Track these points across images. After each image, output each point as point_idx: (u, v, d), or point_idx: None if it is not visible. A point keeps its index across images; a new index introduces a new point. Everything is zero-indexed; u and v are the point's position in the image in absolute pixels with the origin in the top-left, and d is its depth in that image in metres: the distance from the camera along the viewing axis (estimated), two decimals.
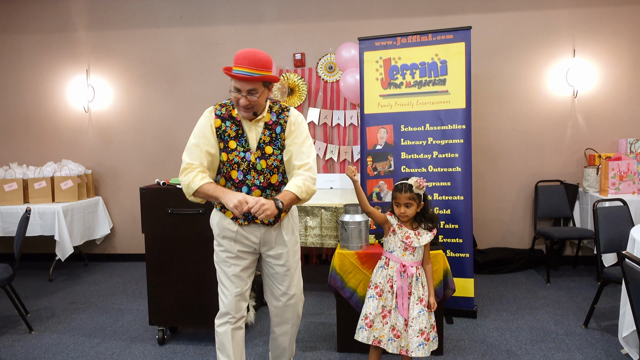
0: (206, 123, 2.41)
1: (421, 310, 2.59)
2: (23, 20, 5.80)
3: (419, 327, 2.57)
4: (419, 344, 2.56)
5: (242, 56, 2.27)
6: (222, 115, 2.40)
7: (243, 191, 2.41)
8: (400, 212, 2.62)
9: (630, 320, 2.72)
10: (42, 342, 3.60)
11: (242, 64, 2.25)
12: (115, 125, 5.80)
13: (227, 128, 2.40)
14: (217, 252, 2.54)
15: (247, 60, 2.25)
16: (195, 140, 2.39)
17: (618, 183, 4.49)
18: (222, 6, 5.54)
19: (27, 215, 3.79)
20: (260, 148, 2.41)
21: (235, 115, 2.41)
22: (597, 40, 5.10)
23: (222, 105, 2.44)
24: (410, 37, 3.93)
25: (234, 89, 2.31)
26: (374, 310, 2.66)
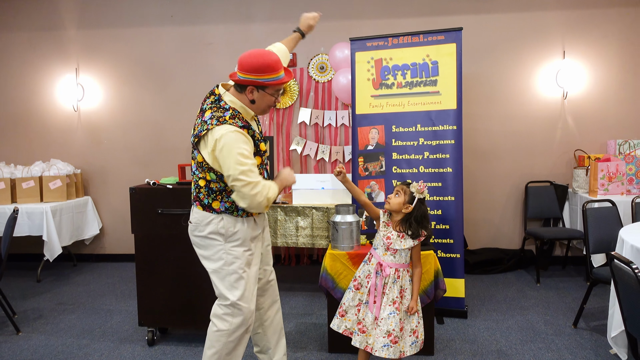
0: (243, 137, 2.27)
1: (392, 312, 2.57)
2: (12, 18, 5.74)
3: (387, 329, 2.56)
4: (383, 345, 2.55)
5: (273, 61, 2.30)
6: (243, 125, 2.31)
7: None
8: (388, 197, 2.68)
9: (618, 321, 2.73)
10: (30, 343, 3.56)
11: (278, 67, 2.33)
12: (104, 124, 5.75)
13: (254, 133, 2.39)
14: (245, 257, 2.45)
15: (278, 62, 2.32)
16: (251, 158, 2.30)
17: (607, 184, 4.52)
18: (213, 5, 5.51)
19: (14, 215, 3.75)
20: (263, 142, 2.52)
21: (248, 119, 2.41)
22: (587, 42, 5.13)
23: (232, 117, 2.30)
24: (402, 38, 3.93)
25: (275, 94, 2.39)
26: (348, 302, 2.70)
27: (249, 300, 2.46)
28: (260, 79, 2.28)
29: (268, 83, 2.30)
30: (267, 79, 2.29)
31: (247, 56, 2.29)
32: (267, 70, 2.27)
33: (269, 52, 2.33)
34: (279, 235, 4.20)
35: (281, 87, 2.40)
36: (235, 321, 2.43)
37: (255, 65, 2.26)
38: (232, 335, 2.45)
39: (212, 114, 2.32)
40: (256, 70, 2.26)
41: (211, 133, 2.26)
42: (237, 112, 2.35)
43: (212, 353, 2.46)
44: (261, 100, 2.37)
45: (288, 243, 4.20)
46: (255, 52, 2.30)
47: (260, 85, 2.32)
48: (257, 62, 2.26)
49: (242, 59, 2.30)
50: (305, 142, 5.33)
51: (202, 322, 3.32)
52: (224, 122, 2.27)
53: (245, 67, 2.28)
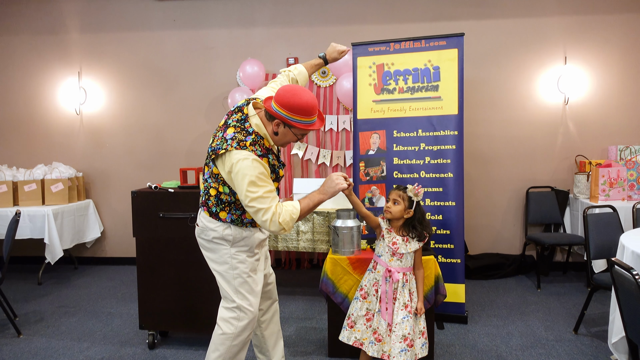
0: (261, 166, 2.24)
1: (405, 316, 2.59)
2: (14, 22, 5.77)
3: (402, 333, 2.57)
4: (401, 350, 2.56)
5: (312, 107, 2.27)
6: (263, 153, 2.29)
7: None
8: (386, 206, 2.67)
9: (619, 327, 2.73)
10: (31, 346, 3.57)
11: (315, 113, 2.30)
12: (106, 128, 5.77)
13: (272, 160, 2.37)
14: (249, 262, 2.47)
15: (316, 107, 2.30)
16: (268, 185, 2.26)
17: (608, 190, 4.53)
18: (216, 10, 5.54)
19: (16, 218, 3.76)
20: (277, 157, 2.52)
21: (268, 146, 2.38)
22: (588, 48, 5.15)
23: (252, 143, 2.28)
24: (404, 43, 3.95)
25: (299, 136, 2.37)
26: (356, 312, 2.71)
27: (254, 304, 2.47)
28: (292, 117, 2.24)
29: (297, 125, 2.26)
30: (298, 121, 2.25)
31: (286, 91, 2.25)
32: (301, 113, 2.23)
33: (310, 94, 2.27)
34: (279, 239, 4.20)
35: (307, 131, 2.35)
36: (241, 324, 2.45)
37: (291, 103, 2.21)
38: (237, 339, 2.46)
39: (234, 134, 2.29)
40: (290, 109, 2.22)
41: (229, 155, 2.24)
42: (260, 138, 2.32)
43: (216, 356, 2.47)
44: (284, 136, 2.34)
45: (289, 247, 4.20)
46: (296, 90, 2.25)
47: (288, 124, 2.28)
48: (295, 101, 2.22)
49: (281, 92, 2.26)
50: (307, 146, 5.34)
51: (202, 326, 3.33)
52: (244, 147, 2.24)
53: (281, 101, 2.23)
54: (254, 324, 2.51)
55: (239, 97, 4.99)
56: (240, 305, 2.44)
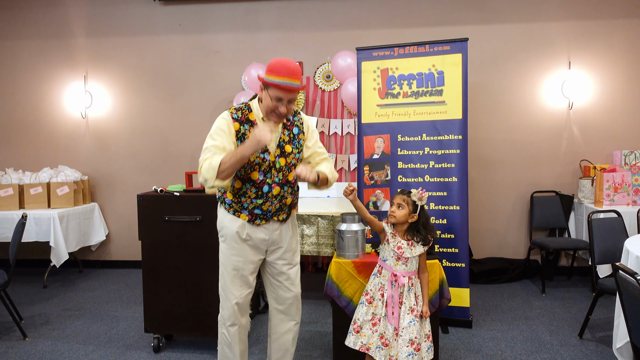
0: (224, 125, 2.40)
1: (412, 320, 2.60)
2: (21, 26, 5.82)
3: (409, 337, 2.58)
4: (408, 354, 2.56)
5: (284, 67, 2.31)
6: (239, 119, 2.43)
7: (264, 190, 2.48)
8: (391, 210, 2.67)
9: (624, 332, 2.73)
10: (36, 348, 3.58)
11: (286, 75, 2.30)
12: (112, 131, 5.80)
13: (245, 131, 2.42)
14: (227, 255, 2.57)
15: (290, 71, 2.31)
16: (216, 141, 2.36)
17: (613, 194, 4.52)
18: (221, 14, 5.57)
19: (23, 221, 3.78)
20: (280, 147, 2.51)
21: (252, 119, 2.45)
22: (592, 53, 5.15)
23: (237, 109, 2.46)
24: (408, 48, 3.96)
25: (274, 99, 2.35)
26: (362, 317, 2.70)
27: (230, 298, 2.57)
28: (266, 77, 2.34)
29: (268, 82, 2.33)
30: (270, 79, 2.32)
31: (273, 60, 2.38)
32: (273, 72, 2.32)
33: (291, 61, 2.36)
34: None
35: (281, 95, 2.33)
36: (222, 313, 2.62)
37: (271, 65, 2.34)
38: (223, 327, 2.63)
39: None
40: (268, 69, 2.34)
41: None
42: (247, 108, 2.47)
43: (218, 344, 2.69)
44: (265, 100, 2.40)
45: None
46: (280, 58, 2.37)
47: (265, 85, 2.37)
48: (273, 62, 2.34)
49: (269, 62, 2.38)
50: None
51: (207, 329, 3.34)
52: (229, 108, 2.48)
53: (266, 68, 2.36)
54: (234, 317, 2.58)
55: (244, 101, 5.00)
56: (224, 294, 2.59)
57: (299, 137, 2.58)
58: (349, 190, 2.61)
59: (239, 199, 2.49)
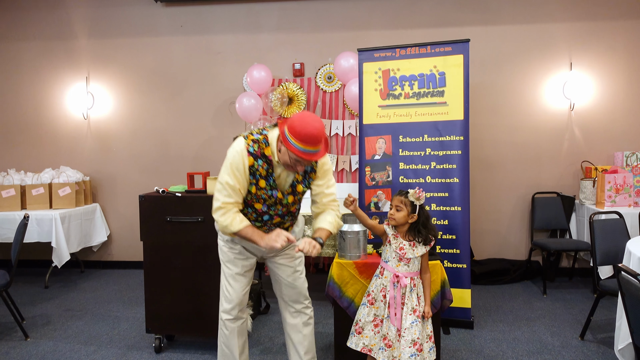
0: (240, 162, 2.36)
1: (414, 320, 2.60)
2: (23, 27, 5.83)
3: (412, 338, 2.58)
4: (411, 355, 2.56)
5: (309, 136, 2.23)
6: (254, 153, 2.38)
7: (264, 218, 2.54)
8: (390, 213, 2.68)
9: (626, 333, 2.72)
10: (38, 349, 3.59)
11: (311, 144, 2.25)
12: (114, 132, 5.81)
13: (259, 167, 2.40)
14: (225, 252, 2.65)
15: (315, 140, 2.25)
16: (232, 181, 2.37)
17: (614, 196, 4.52)
18: (222, 16, 5.58)
19: (25, 222, 3.79)
20: (293, 186, 2.52)
21: (268, 154, 2.41)
22: (593, 54, 5.15)
23: (255, 142, 2.39)
24: (409, 49, 3.96)
25: (293, 160, 2.31)
26: (364, 318, 2.71)
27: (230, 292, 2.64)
28: (289, 139, 2.25)
29: (290, 147, 2.26)
30: (292, 143, 2.25)
31: (300, 115, 2.29)
32: (298, 138, 2.23)
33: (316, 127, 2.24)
34: None
35: (302, 161, 2.30)
36: (223, 307, 2.67)
37: (296, 127, 2.24)
38: (221, 320, 2.69)
39: (255, 129, 2.50)
40: (292, 131, 2.24)
41: (236, 140, 2.44)
42: (265, 143, 2.40)
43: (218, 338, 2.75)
44: (283, 155, 2.34)
45: None
46: (308, 118, 2.26)
47: (285, 144, 2.29)
48: (300, 125, 2.23)
49: (295, 115, 2.30)
50: None
51: (209, 330, 3.34)
52: (246, 138, 2.40)
53: (290, 122, 2.27)
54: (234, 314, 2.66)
55: (246, 102, 5.01)
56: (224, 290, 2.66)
57: (310, 175, 2.55)
58: (349, 202, 2.62)
59: None
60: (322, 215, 2.60)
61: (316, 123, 2.26)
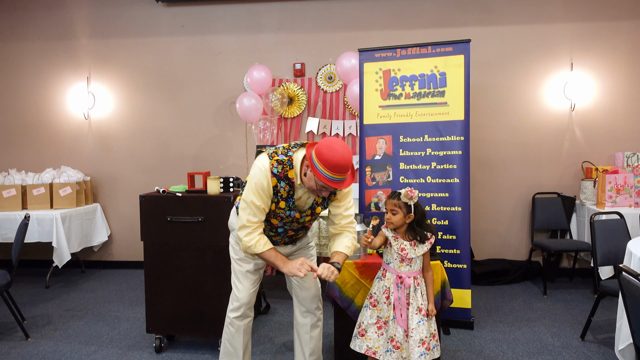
0: (264, 182, 2.36)
1: (421, 320, 2.60)
2: (24, 27, 5.83)
3: (420, 337, 2.57)
4: (420, 354, 2.56)
5: (338, 166, 2.25)
6: (278, 175, 2.38)
7: (278, 231, 2.59)
8: (386, 217, 2.67)
9: (626, 333, 2.72)
10: (39, 349, 3.59)
11: (339, 173, 2.27)
12: (115, 132, 5.81)
13: (280, 189, 2.41)
14: (237, 250, 2.68)
15: (344, 169, 2.27)
16: (257, 201, 2.38)
17: (615, 196, 4.52)
18: (223, 16, 5.58)
19: (26, 222, 3.79)
20: (312, 208, 2.55)
21: (291, 176, 2.41)
22: (594, 55, 5.15)
23: (279, 163, 2.38)
24: (410, 49, 3.96)
25: (319, 186, 2.34)
26: (367, 320, 2.70)
27: (241, 291, 2.68)
28: (317, 166, 2.27)
29: (317, 174, 2.28)
30: (320, 170, 2.26)
31: (327, 141, 2.29)
32: (327, 166, 2.25)
33: (344, 155, 2.26)
34: None
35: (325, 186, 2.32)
36: (232, 305, 2.70)
37: (324, 154, 2.25)
38: (229, 318, 2.71)
39: (281, 147, 2.47)
40: (320, 158, 2.26)
41: (260, 156, 2.44)
42: (289, 166, 2.39)
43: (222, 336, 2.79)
44: (309, 180, 2.36)
45: None
46: (336, 145, 2.26)
47: (312, 170, 2.31)
48: (328, 154, 2.24)
49: (324, 141, 2.30)
50: None
51: (209, 330, 3.35)
52: (271, 157, 2.39)
53: (318, 148, 2.29)
54: (242, 312, 2.68)
55: (246, 102, 5.01)
56: (233, 287, 2.71)
57: (331, 197, 2.56)
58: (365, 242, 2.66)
59: None
60: (339, 239, 2.61)
61: (345, 152, 2.26)
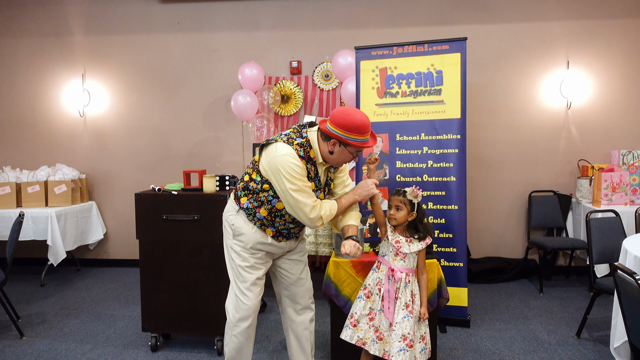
0: (300, 165, 2.35)
1: (406, 316, 2.59)
2: (19, 24, 5.80)
3: (402, 333, 2.57)
4: (399, 349, 2.55)
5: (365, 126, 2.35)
6: (304, 157, 2.39)
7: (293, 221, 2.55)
8: (390, 214, 2.67)
9: (621, 331, 2.73)
10: (34, 347, 3.58)
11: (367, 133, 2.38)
12: (110, 130, 5.79)
13: (309, 170, 2.43)
14: (247, 258, 2.56)
15: (368, 127, 2.38)
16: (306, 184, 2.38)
17: (611, 194, 4.52)
18: (220, 13, 5.56)
19: (20, 220, 3.77)
20: (327, 185, 2.61)
21: (312, 156, 2.44)
22: (590, 53, 5.15)
23: (300, 146, 2.39)
24: (407, 47, 3.96)
25: (354, 153, 2.43)
26: (359, 311, 2.70)
27: (250, 299, 2.56)
28: (347, 136, 2.33)
29: (352, 143, 2.35)
30: (353, 139, 2.34)
31: (341, 112, 2.35)
32: (356, 131, 2.33)
33: (362, 114, 2.36)
34: None
35: (362, 149, 2.43)
36: (237, 315, 2.57)
37: (347, 123, 2.31)
38: (235, 329, 2.58)
39: (289, 132, 2.45)
40: (346, 128, 2.32)
41: (275, 146, 2.37)
42: (309, 146, 2.42)
43: (225, 344, 2.66)
44: (340, 154, 2.42)
45: None
46: (349, 111, 2.35)
47: (344, 142, 2.36)
48: (349, 120, 2.31)
49: (336, 113, 2.35)
50: None
51: (205, 328, 3.34)
52: (290, 144, 2.36)
53: (336, 121, 2.33)
54: (251, 320, 2.58)
55: (241, 99, 4.99)
56: (237, 296, 2.57)
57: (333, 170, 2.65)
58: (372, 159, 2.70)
59: (273, 218, 2.51)
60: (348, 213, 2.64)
61: (357, 112, 2.36)
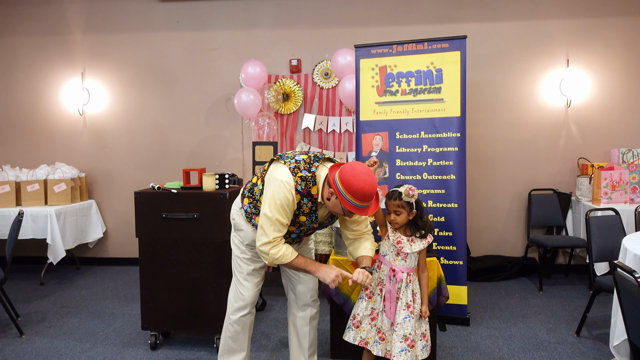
0: (290, 199, 2.34)
1: (407, 316, 2.59)
2: (18, 22, 5.79)
3: (403, 333, 2.57)
4: (401, 350, 2.56)
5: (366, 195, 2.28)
6: (302, 192, 2.37)
7: (292, 236, 2.56)
8: (390, 219, 2.67)
9: (621, 329, 2.73)
10: (33, 346, 3.58)
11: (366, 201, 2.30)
12: (109, 128, 5.78)
13: (303, 205, 2.41)
14: (244, 250, 2.66)
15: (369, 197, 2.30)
16: (283, 219, 2.36)
17: (610, 192, 4.52)
18: (219, 11, 5.55)
19: (19, 218, 3.77)
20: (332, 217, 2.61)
21: (314, 193, 2.40)
22: (590, 51, 5.15)
23: (303, 180, 2.35)
24: (407, 45, 3.95)
25: (346, 212, 2.39)
26: (362, 312, 2.70)
27: (247, 289, 2.67)
28: (344, 195, 2.28)
29: (346, 204, 2.31)
30: (349, 200, 2.29)
31: (351, 169, 2.29)
32: (354, 195, 2.27)
33: (370, 182, 2.28)
34: None
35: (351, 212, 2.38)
36: (235, 305, 2.69)
37: (349, 183, 2.26)
38: (231, 318, 2.70)
39: (301, 159, 2.41)
40: (347, 187, 2.27)
41: (282, 168, 2.36)
42: (312, 182, 2.38)
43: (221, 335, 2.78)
44: (334, 206, 2.38)
45: None
46: (359, 173, 2.27)
47: (339, 198, 2.32)
48: (353, 183, 2.26)
49: (347, 167, 2.31)
50: (309, 147, 5.35)
51: (204, 327, 3.34)
52: (294, 174, 2.34)
53: (343, 175, 2.29)
54: (248, 309, 2.69)
55: (244, 97, 4.97)
56: (236, 286, 2.69)
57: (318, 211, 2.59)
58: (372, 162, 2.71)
59: None
60: (362, 243, 2.63)
61: (370, 179, 2.28)
